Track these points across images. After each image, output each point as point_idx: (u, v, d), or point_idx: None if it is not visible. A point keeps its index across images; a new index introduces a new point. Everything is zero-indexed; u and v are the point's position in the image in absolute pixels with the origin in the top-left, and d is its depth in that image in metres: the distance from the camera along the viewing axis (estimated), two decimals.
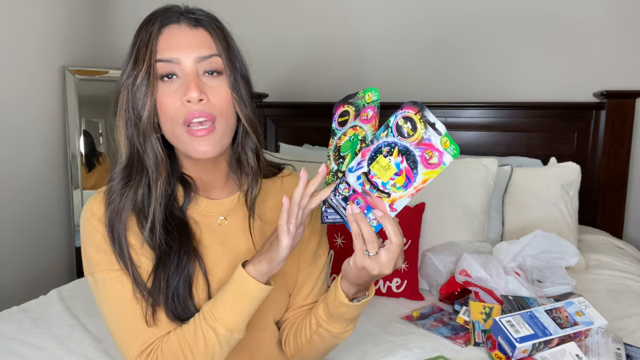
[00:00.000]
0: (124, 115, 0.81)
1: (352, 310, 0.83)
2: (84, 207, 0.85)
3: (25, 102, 2.08)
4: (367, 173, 0.72)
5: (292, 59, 2.45)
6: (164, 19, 0.81)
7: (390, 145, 0.71)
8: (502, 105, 2.09)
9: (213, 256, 0.86)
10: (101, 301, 0.83)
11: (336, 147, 0.78)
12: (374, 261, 0.73)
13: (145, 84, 0.78)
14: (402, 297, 1.48)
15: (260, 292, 0.79)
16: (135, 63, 0.79)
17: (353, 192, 0.73)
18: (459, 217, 1.65)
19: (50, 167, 2.23)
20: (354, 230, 0.73)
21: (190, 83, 0.77)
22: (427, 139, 0.69)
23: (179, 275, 0.81)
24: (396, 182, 0.71)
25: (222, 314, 0.78)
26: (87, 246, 0.83)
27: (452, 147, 0.69)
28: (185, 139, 0.79)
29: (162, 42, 0.79)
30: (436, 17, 2.21)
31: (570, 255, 1.47)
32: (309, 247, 0.94)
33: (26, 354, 1.15)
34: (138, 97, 0.79)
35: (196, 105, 0.77)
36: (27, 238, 2.13)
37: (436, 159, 0.69)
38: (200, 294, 0.83)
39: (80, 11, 2.34)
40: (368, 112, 0.76)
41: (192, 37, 0.80)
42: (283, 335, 0.95)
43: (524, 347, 1.01)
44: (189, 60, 0.78)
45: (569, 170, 1.79)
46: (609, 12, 1.99)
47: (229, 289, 0.79)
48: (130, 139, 0.82)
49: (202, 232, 0.86)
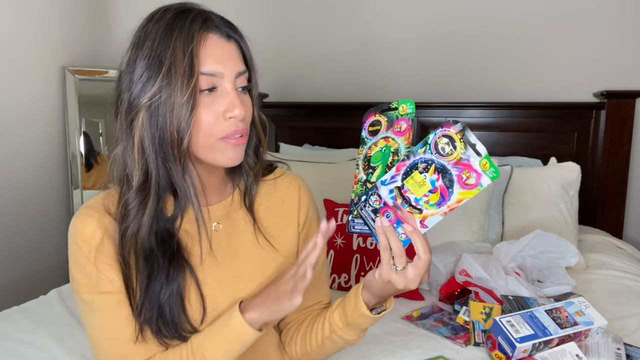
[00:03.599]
0: (147, 134, 0.72)
1: (370, 321, 0.83)
2: (70, 224, 0.79)
3: (25, 102, 2.08)
4: (401, 187, 0.72)
5: (292, 59, 2.45)
6: (203, 23, 0.73)
7: (427, 162, 0.70)
8: (502, 105, 2.09)
9: (206, 265, 0.82)
10: (87, 321, 0.80)
11: (366, 157, 0.78)
12: (400, 276, 0.73)
13: (188, 102, 0.70)
14: (402, 297, 1.48)
15: (254, 338, 0.77)
16: (171, 73, 0.69)
17: (384, 205, 0.73)
18: (459, 217, 1.65)
19: (50, 167, 2.22)
20: (382, 243, 0.73)
21: (235, 100, 0.74)
22: (466, 159, 0.69)
23: (168, 290, 0.77)
24: (430, 199, 0.71)
25: (210, 352, 0.76)
26: (72, 265, 0.79)
27: (492, 169, 0.68)
28: (222, 148, 0.76)
29: (205, 51, 0.72)
30: (437, 19, 2.21)
31: (570, 255, 1.47)
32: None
33: (26, 354, 1.15)
34: (179, 117, 0.70)
35: (241, 122, 0.76)
36: (27, 238, 2.13)
37: (474, 180, 0.69)
38: (193, 306, 0.80)
39: (80, 11, 2.33)
40: (402, 124, 0.76)
41: (230, 50, 0.75)
42: (287, 337, 0.94)
43: (524, 347, 1.00)
44: (231, 74, 0.74)
45: (569, 170, 1.79)
46: (609, 12, 1.99)
47: (222, 331, 0.77)
48: (155, 163, 0.73)
49: (194, 241, 0.81)
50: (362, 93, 2.34)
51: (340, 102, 2.34)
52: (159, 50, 0.71)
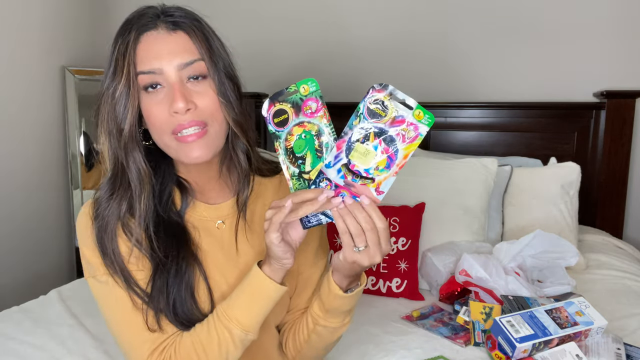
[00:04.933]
0: (106, 126, 0.78)
1: (347, 302, 0.82)
2: (80, 212, 0.83)
3: (25, 102, 2.08)
4: (348, 164, 0.71)
5: (291, 59, 2.45)
6: (140, 26, 0.76)
7: (365, 130, 0.71)
8: (502, 105, 2.09)
9: (213, 260, 0.85)
10: (105, 304, 0.82)
11: (287, 150, 0.74)
12: (363, 254, 0.72)
13: (125, 97, 0.75)
14: (402, 297, 1.48)
15: (277, 292, 0.78)
16: (115, 74, 0.76)
17: (335, 187, 0.72)
18: (459, 217, 1.65)
19: (50, 167, 2.23)
20: (340, 227, 0.72)
21: (175, 93, 0.74)
22: (400, 116, 0.70)
23: (178, 281, 0.80)
24: (379, 165, 0.71)
25: (237, 314, 0.78)
26: (85, 250, 0.82)
27: (427, 117, 0.70)
28: (176, 146, 0.77)
29: (141, 51, 0.75)
30: (436, 17, 2.21)
31: (570, 255, 1.47)
32: (309, 249, 0.93)
33: (26, 354, 1.15)
34: (118, 110, 0.76)
35: (184, 116, 0.75)
36: (27, 238, 2.13)
37: (412, 132, 0.70)
38: (202, 299, 0.83)
39: (80, 11, 2.34)
40: (310, 104, 0.73)
41: (171, 43, 0.76)
42: (283, 338, 0.94)
43: (524, 347, 1.01)
44: (172, 68, 0.75)
45: (569, 170, 1.79)
46: (609, 12, 1.99)
47: (245, 289, 0.78)
48: (113, 151, 0.79)
49: (201, 237, 0.85)
50: (358, 93, 2.34)
51: (338, 102, 2.34)
52: (110, 52, 0.78)
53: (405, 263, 1.49)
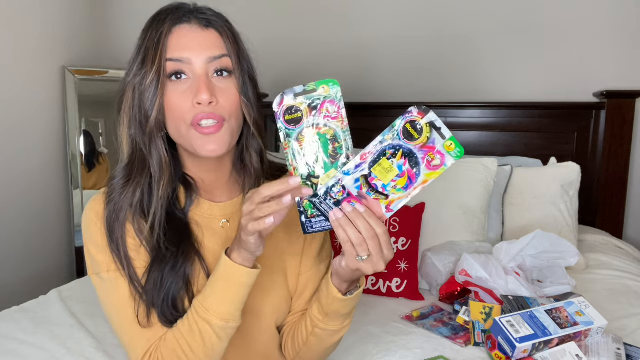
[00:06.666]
0: (129, 113, 0.80)
1: (346, 305, 0.82)
2: (86, 207, 0.84)
3: (25, 102, 2.08)
4: (368, 175, 0.71)
5: (292, 59, 2.45)
6: (175, 17, 0.79)
7: (395, 148, 0.70)
8: (502, 105, 2.09)
9: (215, 258, 0.85)
10: (106, 301, 0.83)
11: (298, 151, 0.71)
12: (367, 263, 0.72)
13: (155, 84, 0.77)
14: (402, 297, 1.48)
15: (248, 277, 0.77)
16: (144, 62, 0.78)
17: (347, 196, 0.71)
18: (459, 217, 1.65)
19: (50, 167, 2.22)
20: (341, 237, 0.71)
21: (201, 85, 0.76)
22: (431, 142, 0.70)
23: (173, 277, 0.80)
24: (397, 184, 0.71)
25: (213, 305, 0.77)
26: (90, 246, 0.83)
27: (457, 150, 0.70)
28: (193, 136, 0.79)
29: (173, 41, 0.78)
30: (437, 18, 2.21)
31: (570, 255, 1.47)
32: (311, 249, 0.93)
33: (26, 354, 1.15)
34: (146, 97, 0.78)
35: (206, 108, 0.77)
36: (27, 238, 2.13)
37: (438, 160, 0.70)
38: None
39: (80, 11, 2.33)
40: (329, 107, 0.71)
41: (203, 38, 0.79)
42: (282, 340, 0.94)
43: (524, 347, 1.01)
44: (200, 60, 0.78)
45: (569, 170, 1.79)
46: (609, 12, 1.99)
47: (218, 279, 0.78)
48: (133, 138, 0.81)
49: (204, 235, 0.86)
50: (361, 93, 2.34)
51: None
52: (140, 41, 0.81)
53: (405, 263, 1.49)
